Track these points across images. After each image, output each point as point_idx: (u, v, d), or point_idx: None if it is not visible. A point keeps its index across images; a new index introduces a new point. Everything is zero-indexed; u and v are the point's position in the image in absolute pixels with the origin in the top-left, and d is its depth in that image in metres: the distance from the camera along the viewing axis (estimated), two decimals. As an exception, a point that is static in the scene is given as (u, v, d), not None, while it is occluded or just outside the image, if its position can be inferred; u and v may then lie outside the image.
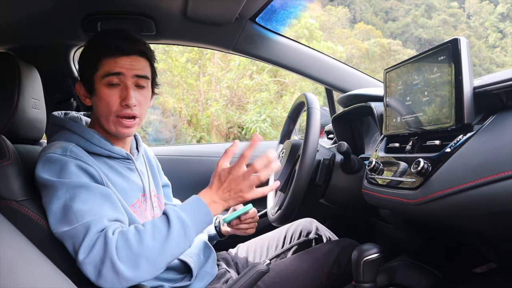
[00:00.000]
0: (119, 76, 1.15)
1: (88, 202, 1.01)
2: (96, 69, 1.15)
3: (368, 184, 1.22)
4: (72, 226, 0.98)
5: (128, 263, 0.95)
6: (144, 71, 1.19)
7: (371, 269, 1.06)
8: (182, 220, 1.02)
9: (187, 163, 2.15)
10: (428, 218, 0.97)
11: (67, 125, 1.18)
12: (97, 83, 1.16)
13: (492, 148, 0.80)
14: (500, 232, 0.84)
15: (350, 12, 28.39)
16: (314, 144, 1.28)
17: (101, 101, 1.16)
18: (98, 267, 0.94)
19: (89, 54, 1.18)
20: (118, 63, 1.14)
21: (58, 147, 1.08)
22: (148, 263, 0.96)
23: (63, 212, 1.00)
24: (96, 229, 0.98)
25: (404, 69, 1.14)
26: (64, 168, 1.04)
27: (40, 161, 1.07)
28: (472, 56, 3.19)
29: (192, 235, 1.03)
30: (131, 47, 1.17)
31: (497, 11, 28.71)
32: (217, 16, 1.68)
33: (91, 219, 0.99)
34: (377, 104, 1.42)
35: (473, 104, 0.90)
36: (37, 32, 1.67)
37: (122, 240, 0.96)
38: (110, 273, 0.94)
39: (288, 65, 1.92)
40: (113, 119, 1.16)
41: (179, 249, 1.01)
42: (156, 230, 1.00)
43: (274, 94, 11.17)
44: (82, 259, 0.95)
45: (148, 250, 0.96)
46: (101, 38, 1.19)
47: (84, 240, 0.96)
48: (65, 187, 1.02)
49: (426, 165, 0.92)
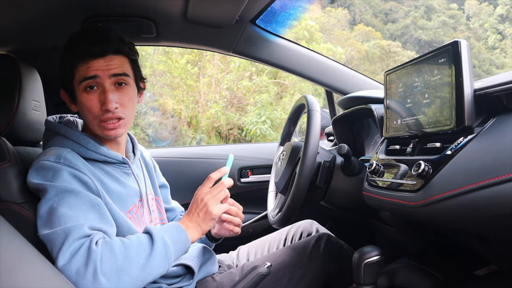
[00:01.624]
0: (95, 79, 1.11)
1: (74, 208, 1.00)
2: (72, 76, 1.13)
3: (369, 186, 1.22)
4: (53, 229, 0.96)
5: (111, 276, 0.93)
6: (122, 68, 1.15)
7: (372, 271, 1.06)
8: (165, 241, 1.02)
9: (186, 165, 2.15)
10: (429, 221, 0.97)
11: (61, 131, 1.16)
12: (76, 90, 1.14)
13: (493, 151, 0.80)
14: (502, 234, 0.84)
15: (350, 14, 28.40)
16: (314, 146, 1.28)
17: (82, 107, 1.14)
18: (78, 276, 0.92)
19: (64, 61, 1.15)
20: (92, 66, 1.11)
21: (51, 154, 1.07)
22: (130, 279, 0.95)
23: (48, 215, 0.99)
24: (76, 235, 0.95)
25: (405, 71, 1.14)
26: (56, 175, 1.03)
27: (33, 168, 1.06)
28: (472, 58, 3.23)
29: (172, 258, 1.03)
30: (102, 48, 1.12)
31: (497, 13, 28.72)
32: (217, 19, 1.68)
33: (72, 225, 0.97)
34: (378, 106, 1.42)
35: (473, 107, 0.90)
36: (38, 34, 1.67)
37: (107, 252, 0.95)
38: (90, 284, 0.91)
39: (289, 67, 1.92)
40: (97, 123, 1.14)
41: (159, 269, 1.00)
42: (141, 247, 0.99)
43: (274, 96, 11.16)
44: (61, 266, 0.92)
45: (132, 265, 0.96)
46: (72, 43, 1.15)
47: (62, 246, 0.94)
48: (55, 190, 1.01)
49: (427, 167, 0.93)
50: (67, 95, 1.19)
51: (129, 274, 0.95)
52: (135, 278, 0.96)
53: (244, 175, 2.14)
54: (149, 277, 0.99)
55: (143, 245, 1.00)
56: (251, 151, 2.23)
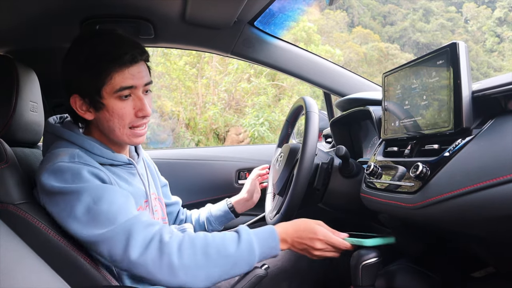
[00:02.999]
0: (132, 88, 1.10)
1: (115, 203, 1.00)
2: (103, 82, 1.07)
3: (367, 188, 1.22)
4: (107, 228, 0.97)
5: (188, 270, 0.96)
6: (149, 76, 1.15)
7: (369, 273, 1.06)
8: (251, 246, 1.02)
9: (184, 167, 2.15)
10: (427, 222, 0.97)
11: (65, 136, 1.14)
12: (107, 97, 1.09)
13: (491, 152, 0.80)
14: (500, 236, 0.84)
15: (348, 16, 28.45)
16: (312, 148, 1.28)
17: (113, 115, 1.10)
18: (154, 267, 0.95)
19: (93, 66, 1.07)
20: (129, 74, 1.08)
21: (64, 155, 1.06)
22: (207, 277, 0.97)
23: (90, 216, 0.98)
24: (139, 227, 0.98)
25: (403, 73, 1.14)
26: (76, 175, 1.02)
27: (47, 171, 1.03)
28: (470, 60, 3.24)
29: (254, 262, 1.03)
30: (137, 54, 1.10)
31: (495, 16, 28.81)
32: (215, 20, 1.68)
33: (127, 218, 0.98)
34: (376, 108, 1.42)
35: (471, 108, 0.90)
36: (35, 35, 1.67)
37: (187, 245, 0.97)
38: (167, 276, 0.95)
39: (287, 69, 1.92)
40: (127, 131, 1.13)
41: (238, 271, 1.02)
42: (223, 248, 1.00)
43: (272, 98, 11.17)
44: (136, 259, 0.94)
45: (211, 264, 0.97)
46: (105, 46, 1.08)
47: (130, 241, 0.95)
48: (85, 191, 1.00)
49: (425, 169, 0.92)
50: (85, 102, 1.11)
51: (207, 272, 0.97)
52: (211, 277, 0.98)
53: (242, 177, 2.14)
54: (224, 276, 1.00)
55: (225, 244, 1.01)
56: (249, 153, 2.23)
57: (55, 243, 1.02)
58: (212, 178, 2.12)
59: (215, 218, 1.57)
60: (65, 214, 1.00)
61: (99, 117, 1.12)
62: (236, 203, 1.61)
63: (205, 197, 1.98)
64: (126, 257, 0.95)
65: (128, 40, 1.12)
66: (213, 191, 2.07)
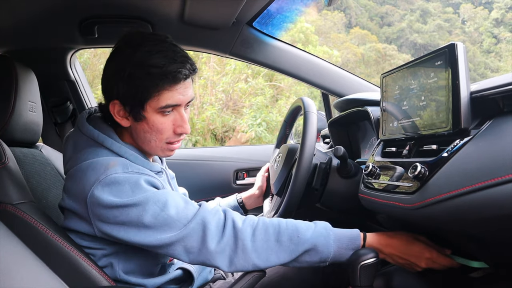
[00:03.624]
0: (176, 106, 1.08)
1: (179, 205, 1.02)
2: (150, 97, 1.03)
3: (365, 188, 1.22)
4: (180, 229, 0.99)
5: (260, 255, 1.01)
6: (193, 92, 1.13)
7: (368, 273, 1.06)
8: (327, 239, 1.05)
9: (183, 167, 2.15)
10: (426, 222, 0.97)
11: (106, 144, 1.09)
12: (149, 110, 1.06)
13: (489, 153, 0.81)
14: (498, 236, 0.85)
15: (346, 17, 28.52)
16: (311, 148, 1.28)
17: (151, 129, 1.08)
18: (230, 254, 1.00)
19: (143, 80, 1.02)
20: (177, 92, 1.05)
21: (115, 165, 1.02)
22: (277, 258, 1.02)
23: (160, 222, 0.99)
24: (210, 218, 1.01)
25: (401, 74, 1.14)
26: (135, 186, 1.00)
27: (101, 183, 0.99)
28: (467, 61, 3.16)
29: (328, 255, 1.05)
30: (190, 71, 1.08)
31: (492, 17, 28.92)
32: (214, 21, 1.69)
33: (195, 213, 1.02)
34: (374, 109, 1.42)
35: (470, 109, 0.90)
36: (34, 35, 1.67)
37: (262, 230, 1.03)
38: (241, 260, 1.01)
39: (285, 69, 1.93)
40: (163, 145, 1.12)
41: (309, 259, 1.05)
42: (295, 233, 1.04)
43: (270, 98, 11.18)
44: (214, 248, 0.98)
45: (282, 249, 1.02)
46: (157, 60, 1.02)
47: (207, 233, 0.99)
48: (149, 200, 0.99)
49: (423, 169, 0.93)
50: (125, 110, 1.08)
51: (277, 255, 1.02)
52: (282, 260, 1.03)
53: (240, 177, 2.14)
54: (294, 263, 1.05)
55: (300, 233, 1.04)
56: (247, 153, 2.23)
57: (53, 243, 1.02)
58: (210, 179, 2.13)
59: None
60: (130, 225, 0.99)
61: (137, 127, 1.09)
62: (247, 199, 1.62)
63: (203, 198, 1.98)
64: (204, 249, 0.99)
65: (181, 53, 1.07)
66: (211, 192, 2.07)
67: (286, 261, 1.03)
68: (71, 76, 1.98)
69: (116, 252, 1.10)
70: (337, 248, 1.05)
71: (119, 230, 1.00)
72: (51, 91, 1.94)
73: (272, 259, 1.02)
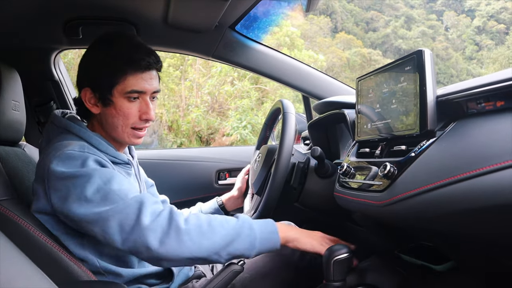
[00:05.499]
0: (141, 93, 1.17)
1: (124, 184, 1.06)
2: (117, 82, 1.15)
3: (340, 187, 1.27)
4: (117, 203, 1.01)
5: (193, 237, 1.01)
6: (158, 85, 1.22)
7: (341, 268, 1.10)
8: (250, 224, 1.10)
9: (165, 167, 2.17)
10: (394, 219, 1.02)
11: (72, 129, 1.18)
12: (116, 95, 1.16)
13: (451, 153, 0.86)
14: (459, 231, 0.89)
15: (332, 22, 28.73)
16: (289, 146, 1.32)
17: (118, 113, 1.17)
18: (163, 233, 1.00)
19: (111, 65, 1.15)
20: (142, 79, 1.16)
21: (73, 145, 1.10)
22: (212, 244, 1.03)
23: (101, 195, 1.02)
24: (151, 201, 1.04)
25: (374, 78, 1.19)
26: (86, 162, 1.06)
27: (56, 159, 1.06)
28: (450, 68, 3.29)
29: (255, 241, 1.07)
30: (154, 62, 1.18)
31: (474, 24, 29.44)
32: (197, 24, 1.72)
33: (137, 194, 1.04)
34: (350, 111, 1.47)
35: (435, 112, 0.95)
36: (19, 34, 1.68)
37: (193, 218, 1.05)
38: (174, 242, 1.00)
39: (266, 72, 1.96)
40: (129, 131, 1.19)
41: (241, 245, 1.06)
42: (225, 221, 1.08)
43: (255, 101, 11.22)
44: (147, 225, 0.99)
45: (215, 232, 1.04)
46: (125, 50, 1.16)
47: (142, 210, 1.01)
48: (97, 174, 1.04)
49: (392, 168, 0.97)
50: (95, 95, 1.18)
51: (211, 238, 1.03)
52: (215, 244, 1.03)
53: (222, 177, 2.17)
54: (227, 249, 1.05)
55: (227, 220, 1.09)
56: (229, 154, 2.26)
57: (36, 239, 1.04)
58: (192, 179, 2.15)
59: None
60: (74, 197, 1.03)
61: (105, 112, 1.18)
62: (227, 201, 1.66)
63: (185, 197, 2.01)
64: (137, 226, 1.00)
65: (146, 47, 1.19)
66: (193, 191, 2.10)
67: (220, 246, 1.04)
68: (55, 76, 1.99)
69: (89, 241, 1.13)
70: (261, 232, 1.09)
71: (64, 202, 1.04)
72: (35, 91, 1.94)
73: (205, 244, 1.02)
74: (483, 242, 0.90)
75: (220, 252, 1.04)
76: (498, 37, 29.11)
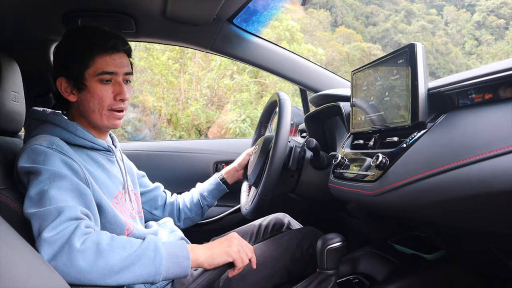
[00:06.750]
0: (113, 74, 1.20)
1: (64, 192, 1.02)
2: (87, 66, 1.18)
3: (334, 178, 1.29)
4: (45, 207, 0.98)
5: (87, 256, 0.93)
6: (129, 67, 1.26)
7: (334, 257, 1.13)
8: (157, 247, 1.01)
9: (163, 159, 2.19)
10: (385, 208, 1.04)
11: (49, 119, 1.20)
12: (89, 79, 1.19)
13: (440, 144, 0.88)
14: (448, 220, 0.92)
15: (332, 16, 28.67)
16: (286, 130, 1.33)
17: (93, 97, 1.19)
18: (56, 248, 0.92)
19: (79, 50, 1.19)
20: (111, 60, 1.19)
21: (43, 140, 1.10)
22: (106, 265, 0.94)
23: (39, 197, 1.01)
24: (69, 214, 0.98)
25: (368, 71, 1.22)
26: (48, 159, 1.06)
27: (24, 152, 1.08)
28: (449, 63, 3.29)
29: (160, 265, 0.99)
30: (121, 45, 1.22)
31: (474, 19, 29.38)
32: (195, 17, 1.73)
33: (65, 205, 0.99)
34: (346, 104, 1.49)
35: (427, 104, 0.98)
36: (18, 26, 1.69)
37: (94, 235, 0.97)
38: (65, 258, 0.92)
39: (264, 65, 1.98)
40: (106, 113, 1.22)
41: (142, 269, 0.97)
42: (128, 243, 0.99)
43: (255, 95, 11.22)
44: (44, 237, 0.93)
45: (113, 253, 0.95)
46: (91, 35, 1.21)
47: (54, 221, 0.95)
48: (48, 173, 1.04)
49: (384, 159, 1.00)
50: (69, 83, 1.21)
51: (106, 260, 0.93)
52: (111, 266, 0.94)
53: (219, 169, 2.19)
54: (127, 273, 0.95)
55: (131, 242, 1.00)
56: (226, 146, 2.28)
57: None
58: (190, 170, 2.17)
59: (208, 192, 1.64)
60: (27, 191, 1.03)
61: (81, 98, 1.21)
62: (227, 173, 1.68)
63: (183, 189, 2.03)
64: (39, 234, 0.95)
65: (112, 32, 1.24)
66: (191, 183, 2.10)
67: (116, 267, 0.94)
68: (55, 67, 2.00)
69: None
70: (169, 254, 1.02)
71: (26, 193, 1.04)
72: (35, 82, 1.96)
73: (100, 263, 0.93)
74: (471, 231, 0.92)
75: (115, 275, 0.94)
76: (498, 32, 29.10)
